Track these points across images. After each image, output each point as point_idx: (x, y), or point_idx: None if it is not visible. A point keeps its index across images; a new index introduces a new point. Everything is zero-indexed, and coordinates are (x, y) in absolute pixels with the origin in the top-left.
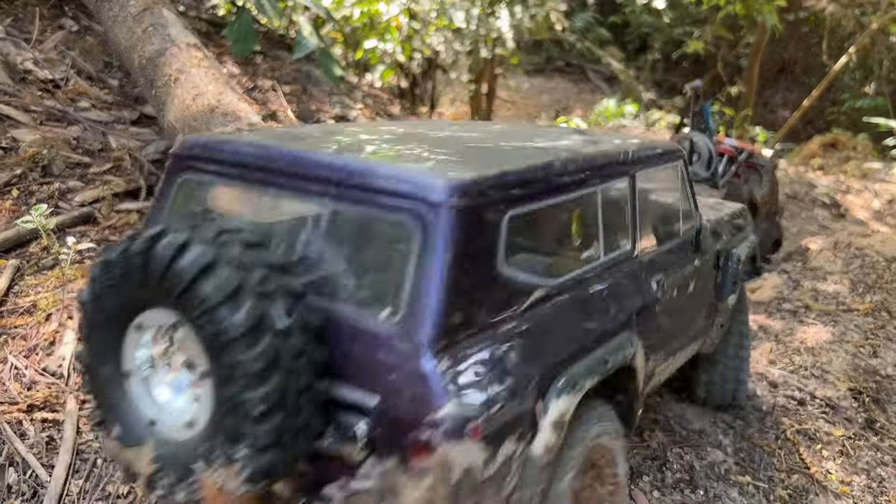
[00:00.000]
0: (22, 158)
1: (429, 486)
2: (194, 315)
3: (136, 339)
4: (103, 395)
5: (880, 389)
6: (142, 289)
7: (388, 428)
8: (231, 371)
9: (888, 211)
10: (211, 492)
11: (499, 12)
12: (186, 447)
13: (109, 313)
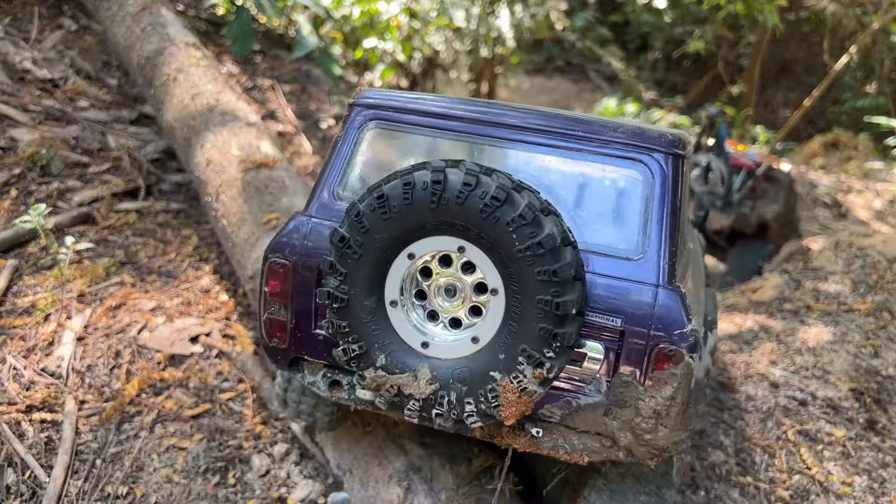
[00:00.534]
0: (20, 158)
1: (671, 393)
2: (493, 238)
3: (405, 267)
4: (364, 328)
5: (882, 390)
6: (424, 219)
7: (629, 346)
8: (536, 282)
9: (889, 211)
10: (510, 395)
11: (499, 11)
12: (475, 361)
13: (379, 245)
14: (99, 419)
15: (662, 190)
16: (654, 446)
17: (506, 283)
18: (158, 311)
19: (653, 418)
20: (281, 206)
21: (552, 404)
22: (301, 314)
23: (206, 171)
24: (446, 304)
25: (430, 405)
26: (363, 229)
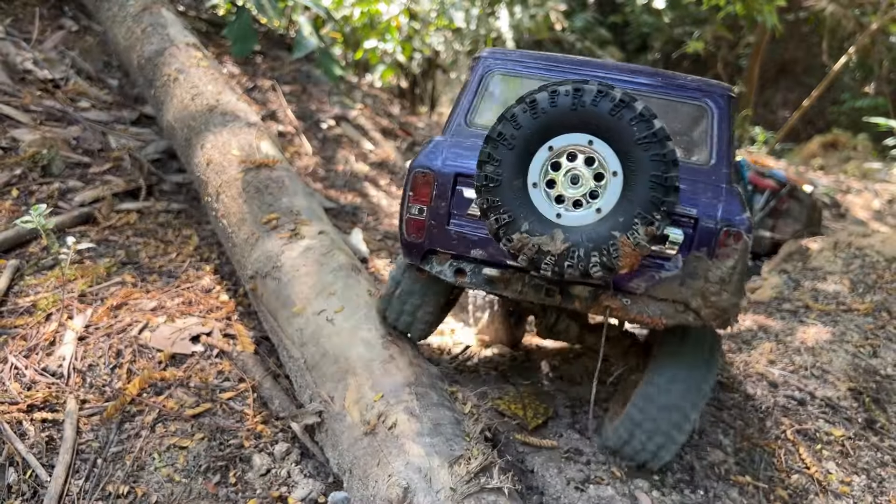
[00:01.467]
0: (22, 158)
1: (732, 264)
2: (618, 131)
3: (545, 157)
4: (512, 203)
5: (880, 389)
6: (564, 118)
7: (703, 231)
8: (653, 178)
9: (888, 211)
10: (627, 249)
11: (498, 12)
12: (599, 226)
13: (528, 139)
14: (100, 418)
15: (720, 119)
16: (718, 307)
17: (624, 166)
18: (159, 310)
19: (718, 284)
20: (281, 206)
21: (639, 278)
22: (437, 215)
23: (206, 172)
24: (570, 190)
25: (563, 259)
26: (517, 126)
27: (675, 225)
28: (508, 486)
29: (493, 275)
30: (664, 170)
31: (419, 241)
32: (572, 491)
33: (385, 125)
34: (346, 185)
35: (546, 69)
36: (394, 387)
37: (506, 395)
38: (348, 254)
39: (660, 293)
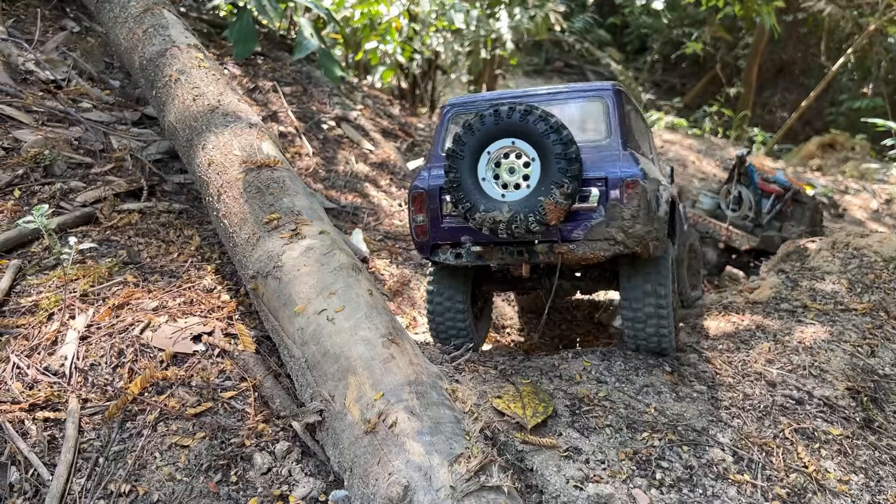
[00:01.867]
0: (24, 159)
1: (637, 203)
2: (534, 136)
3: (486, 160)
4: (471, 194)
5: (878, 389)
6: (492, 131)
7: (611, 185)
8: (556, 156)
9: (886, 211)
10: (550, 207)
11: (498, 13)
12: (529, 197)
13: (472, 149)
14: (102, 418)
15: (612, 107)
16: (635, 236)
17: (539, 153)
18: (161, 310)
19: (631, 219)
20: (282, 206)
21: (577, 229)
22: (433, 218)
23: (207, 172)
24: (510, 178)
25: (511, 224)
26: (463, 143)
27: (593, 185)
28: (508, 484)
29: (479, 250)
30: (563, 149)
31: (426, 241)
32: (571, 489)
33: (385, 126)
34: (346, 186)
35: (469, 109)
36: (394, 386)
37: (505, 395)
38: (349, 254)
39: (593, 236)
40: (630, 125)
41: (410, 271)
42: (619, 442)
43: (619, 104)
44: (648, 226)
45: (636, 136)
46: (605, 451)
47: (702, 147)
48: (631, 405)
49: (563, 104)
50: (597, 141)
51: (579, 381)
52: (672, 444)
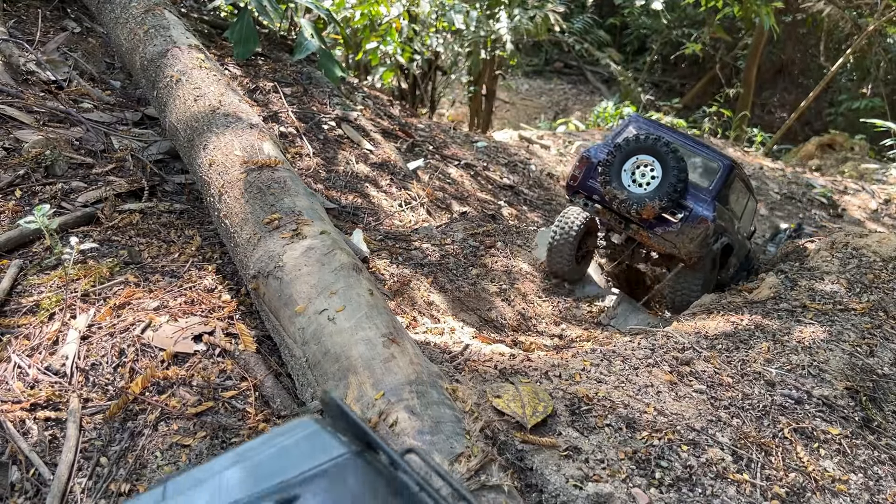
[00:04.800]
0: (25, 159)
1: (699, 234)
2: (663, 157)
3: (631, 162)
4: (613, 177)
5: (877, 388)
6: (641, 148)
7: (692, 215)
8: (670, 181)
9: (885, 211)
10: (648, 207)
11: (498, 14)
12: (641, 196)
13: (624, 153)
14: (103, 417)
15: (722, 173)
16: (686, 251)
17: (662, 173)
18: (162, 310)
19: (689, 240)
20: (283, 206)
21: (659, 227)
22: (585, 176)
23: (208, 172)
24: (639, 178)
25: (622, 204)
26: (624, 146)
27: (682, 209)
28: (508, 483)
29: (599, 208)
30: (676, 178)
31: (574, 185)
32: (571, 488)
33: (386, 126)
34: (346, 186)
35: (648, 127)
36: (395, 385)
37: (505, 394)
38: (349, 254)
39: (665, 236)
40: (727, 188)
41: (410, 271)
42: (618, 441)
43: (727, 172)
44: (698, 250)
45: (729, 196)
46: (605, 451)
47: None
48: (630, 405)
49: (698, 152)
50: (701, 186)
51: (579, 380)
52: (671, 444)
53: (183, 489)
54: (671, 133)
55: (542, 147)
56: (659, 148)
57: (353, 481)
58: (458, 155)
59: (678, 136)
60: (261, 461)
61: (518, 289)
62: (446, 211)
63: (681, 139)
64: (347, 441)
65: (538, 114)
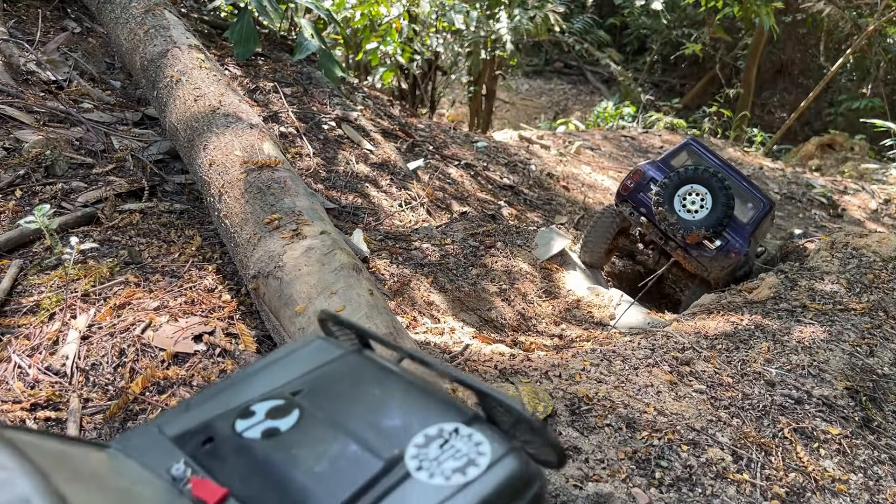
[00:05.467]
0: (25, 159)
1: (730, 263)
2: (714, 187)
3: (684, 189)
4: (665, 199)
5: (877, 388)
6: (696, 178)
7: (729, 246)
8: (719, 213)
9: (885, 211)
10: (693, 234)
11: (498, 14)
12: (689, 222)
13: (679, 180)
14: (103, 417)
15: (762, 211)
16: (716, 276)
17: (713, 203)
18: (162, 310)
19: (720, 267)
20: (283, 206)
21: (696, 250)
22: (637, 189)
23: (209, 172)
24: (689, 205)
25: (670, 227)
26: (680, 173)
27: (721, 238)
28: None
29: (644, 220)
30: (723, 214)
31: (625, 195)
32: (571, 488)
33: (386, 126)
34: (347, 186)
35: (703, 153)
36: None
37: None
38: (350, 254)
39: (700, 259)
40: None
41: (410, 271)
42: (618, 441)
43: (766, 211)
44: (726, 276)
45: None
46: (605, 451)
47: None
48: (630, 405)
49: (744, 189)
50: (741, 220)
51: (579, 380)
52: (671, 444)
53: (203, 401)
54: (724, 166)
55: (542, 147)
56: (714, 182)
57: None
58: (459, 155)
59: (730, 171)
60: (270, 369)
61: (518, 289)
62: (446, 211)
63: (732, 174)
64: (347, 345)
65: (538, 114)
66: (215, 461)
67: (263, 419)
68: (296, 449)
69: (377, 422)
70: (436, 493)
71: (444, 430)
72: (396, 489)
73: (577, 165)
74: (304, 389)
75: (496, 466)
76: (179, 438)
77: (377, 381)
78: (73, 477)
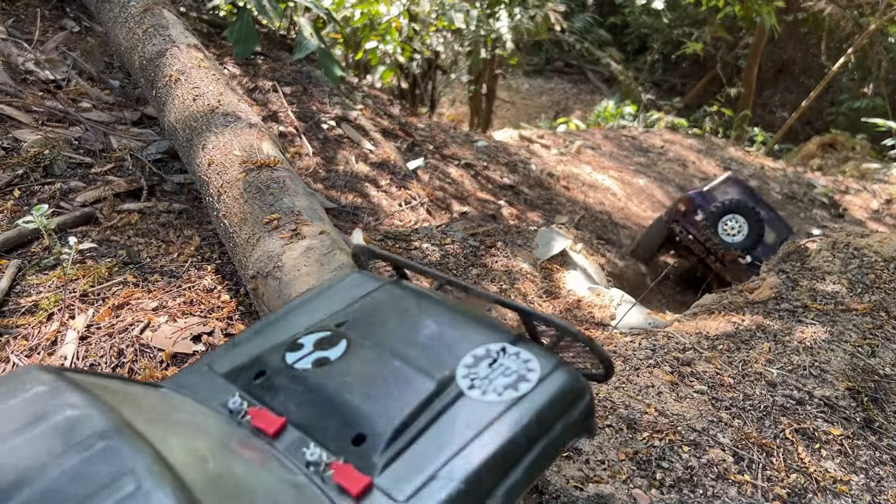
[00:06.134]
0: (23, 159)
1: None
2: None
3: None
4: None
5: (878, 389)
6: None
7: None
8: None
9: (886, 211)
10: (731, 253)
11: (498, 14)
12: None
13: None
14: None
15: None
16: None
17: (748, 230)
18: (161, 310)
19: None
20: (282, 206)
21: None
22: (687, 212)
23: (207, 172)
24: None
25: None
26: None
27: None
28: None
29: (691, 238)
30: (756, 240)
31: (676, 217)
32: (571, 490)
33: (385, 126)
34: (346, 186)
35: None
36: None
37: None
38: (349, 254)
39: (734, 272)
40: None
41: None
42: (619, 442)
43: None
44: None
45: None
46: (606, 452)
47: (702, 147)
48: (631, 405)
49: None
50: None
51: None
52: (672, 445)
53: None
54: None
55: (542, 147)
56: (750, 213)
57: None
58: (459, 154)
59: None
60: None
61: (518, 289)
62: (446, 211)
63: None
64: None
65: (539, 113)
66: (269, 393)
67: (312, 350)
68: (348, 375)
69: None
70: (490, 409)
71: (492, 350)
72: (451, 407)
73: (577, 165)
74: (348, 320)
75: (547, 381)
76: (231, 374)
77: (420, 307)
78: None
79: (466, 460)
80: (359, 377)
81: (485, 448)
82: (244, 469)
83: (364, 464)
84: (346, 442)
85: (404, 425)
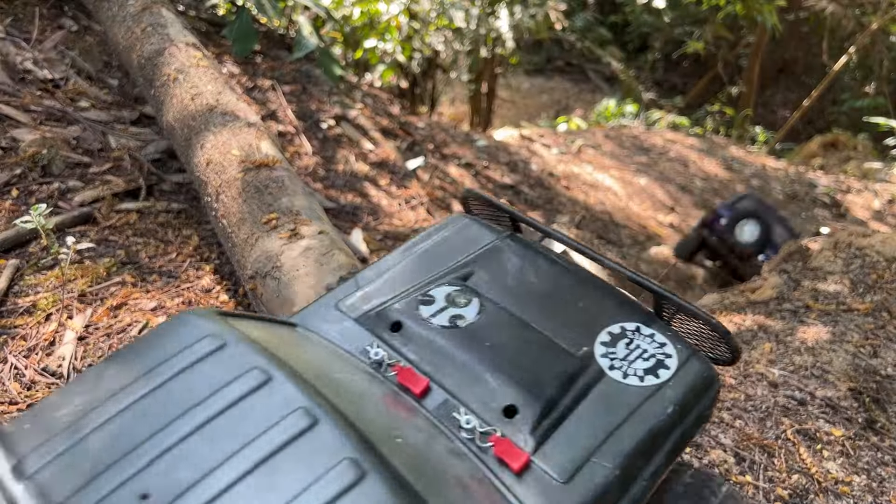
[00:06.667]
0: (21, 158)
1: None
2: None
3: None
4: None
5: (881, 389)
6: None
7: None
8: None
9: (888, 211)
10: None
11: (499, 12)
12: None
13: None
14: None
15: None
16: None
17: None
18: (160, 310)
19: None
20: (281, 206)
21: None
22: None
23: (206, 172)
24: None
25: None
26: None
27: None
28: None
29: (715, 241)
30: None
31: (706, 224)
32: None
33: (385, 125)
34: (345, 185)
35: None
36: None
37: None
38: (348, 254)
39: (749, 268)
40: None
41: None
42: None
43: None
44: None
45: None
46: None
47: (703, 147)
48: None
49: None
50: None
51: None
52: None
53: (370, 279)
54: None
55: (543, 146)
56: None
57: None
58: (459, 154)
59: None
60: (430, 250)
61: None
62: (446, 210)
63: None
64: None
65: (539, 112)
66: (408, 347)
67: (445, 305)
68: (488, 340)
69: (561, 316)
70: (634, 394)
71: (627, 329)
72: (595, 387)
73: (578, 164)
74: (472, 273)
75: (684, 369)
76: (364, 320)
77: (550, 270)
78: (280, 347)
79: (618, 445)
80: (500, 343)
81: (634, 434)
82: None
83: (518, 438)
84: (497, 412)
85: (553, 401)
